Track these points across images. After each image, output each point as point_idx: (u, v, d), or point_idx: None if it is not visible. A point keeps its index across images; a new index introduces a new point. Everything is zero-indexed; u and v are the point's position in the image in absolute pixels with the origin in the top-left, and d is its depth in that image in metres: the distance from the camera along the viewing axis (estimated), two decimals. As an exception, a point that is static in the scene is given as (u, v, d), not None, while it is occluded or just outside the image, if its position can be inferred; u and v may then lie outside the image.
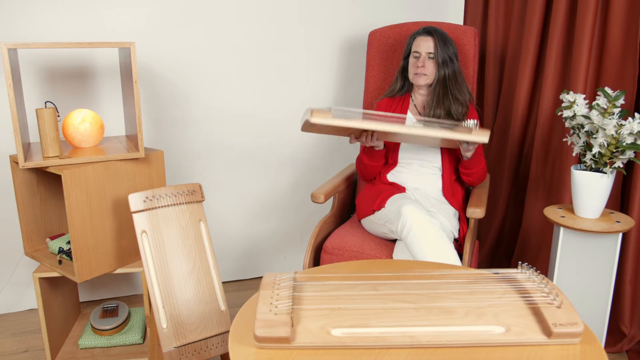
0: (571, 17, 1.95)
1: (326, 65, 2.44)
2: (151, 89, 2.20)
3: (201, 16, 2.20)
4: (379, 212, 1.79)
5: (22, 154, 1.62)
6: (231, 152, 2.39)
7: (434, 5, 2.53)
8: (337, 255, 1.81)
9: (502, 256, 2.44)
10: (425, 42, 1.84)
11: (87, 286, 2.32)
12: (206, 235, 1.64)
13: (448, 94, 1.85)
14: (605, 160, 1.64)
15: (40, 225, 1.89)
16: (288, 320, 0.96)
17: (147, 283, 1.52)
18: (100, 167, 1.69)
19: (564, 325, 0.95)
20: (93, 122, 1.81)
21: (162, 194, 1.58)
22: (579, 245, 1.70)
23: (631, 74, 1.78)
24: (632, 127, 1.55)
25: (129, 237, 1.83)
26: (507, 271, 1.18)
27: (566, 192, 1.97)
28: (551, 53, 1.99)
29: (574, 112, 1.68)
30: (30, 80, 2.05)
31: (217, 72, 2.28)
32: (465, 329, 0.97)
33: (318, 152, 2.54)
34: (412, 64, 1.88)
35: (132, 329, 1.97)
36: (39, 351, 1.95)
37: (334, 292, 1.09)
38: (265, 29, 2.30)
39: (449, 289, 1.10)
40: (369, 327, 0.97)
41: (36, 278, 1.73)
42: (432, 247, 1.58)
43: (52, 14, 2.01)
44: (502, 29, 2.32)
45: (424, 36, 1.85)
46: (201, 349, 1.57)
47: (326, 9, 2.37)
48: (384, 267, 1.29)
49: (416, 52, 1.86)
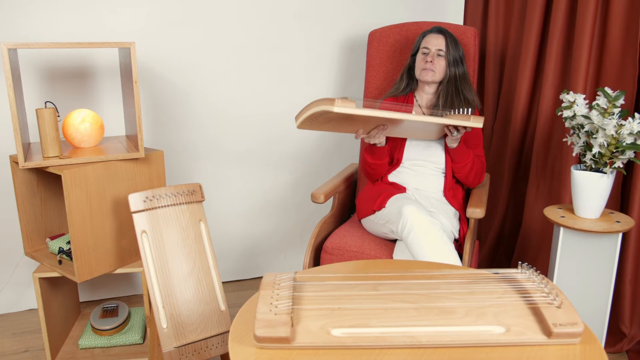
0: (571, 17, 1.95)
1: (326, 65, 2.44)
2: (151, 89, 2.20)
3: (201, 16, 2.20)
4: (380, 212, 1.79)
5: (22, 154, 1.62)
6: (231, 152, 2.39)
7: (434, 5, 2.53)
8: (337, 255, 1.81)
9: (502, 256, 2.44)
10: (435, 40, 1.84)
11: (87, 286, 2.32)
12: (206, 235, 1.64)
13: (460, 94, 1.85)
14: (605, 160, 1.64)
15: (40, 225, 1.89)
16: (288, 320, 0.96)
17: (147, 283, 1.52)
18: (100, 167, 1.69)
19: (564, 325, 0.95)
20: (93, 122, 1.81)
21: (162, 194, 1.58)
22: (579, 245, 1.70)
23: (631, 74, 1.78)
24: (632, 127, 1.55)
25: (129, 237, 1.83)
26: (507, 271, 1.18)
27: (566, 192, 1.97)
28: (551, 53, 1.99)
29: (574, 112, 1.68)
30: (30, 80, 2.05)
31: (217, 72, 2.28)
32: (465, 329, 0.97)
33: (318, 152, 2.54)
34: (420, 59, 1.87)
35: (132, 329, 1.97)
36: (39, 351, 1.95)
37: (334, 292, 1.09)
38: (265, 29, 2.30)
39: (449, 289, 1.10)
40: (369, 327, 0.97)
41: (36, 278, 1.73)
42: (432, 247, 1.58)
43: (52, 14, 2.01)
44: (502, 29, 2.32)
45: (435, 34, 1.86)
46: (201, 349, 1.57)
47: (326, 9, 2.37)
48: (384, 267, 1.29)
49: (426, 47, 1.85)
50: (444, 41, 1.84)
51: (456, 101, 1.84)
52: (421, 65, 1.86)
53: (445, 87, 1.86)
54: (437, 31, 1.86)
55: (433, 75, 1.84)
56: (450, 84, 1.85)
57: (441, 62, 1.84)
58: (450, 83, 1.85)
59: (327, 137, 2.53)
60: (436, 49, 1.83)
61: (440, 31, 1.86)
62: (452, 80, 1.85)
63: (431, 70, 1.84)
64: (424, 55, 1.86)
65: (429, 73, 1.84)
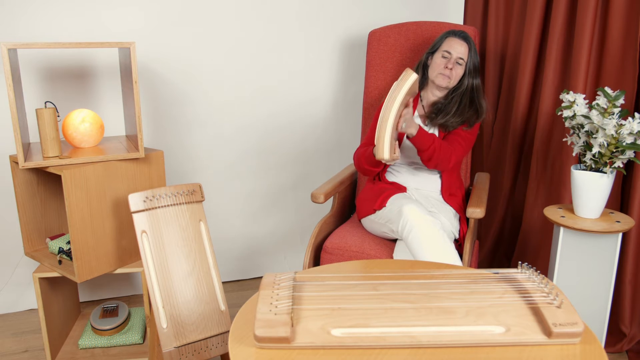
0: (571, 17, 1.95)
1: (326, 65, 2.44)
2: (151, 89, 2.20)
3: (201, 16, 2.20)
4: (380, 211, 1.78)
5: (22, 154, 1.62)
6: (231, 152, 2.39)
7: (434, 5, 2.53)
8: (337, 255, 1.81)
9: (502, 256, 2.44)
10: (460, 46, 1.79)
11: (87, 286, 2.32)
12: (206, 235, 1.64)
13: (474, 104, 1.83)
14: (605, 160, 1.64)
15: (40, 225, 1.89)
16: (288, 320, 0.96)
17: (147, 283, 1.52)
18: (100, 167, 1.69)
19: (563, 325, 0.95)
20: (93, 122, 1.81)
21: (162, 194, 1.58)
22: (579, 245, 1.70)
23: (631, 74, 1.78)
24: (632, 127, 1.55)
25: (129, 237, 1.83)
26: (507, 271, 1.18)
27: (566, 192, 1.97)
28: (551, 53, 1.99)
29: (574, 112, 1.68)
30: (30, 80, 2.05)
31: (217, 72, 2.28)
32: (465, 329, 0.97)
33: (318, 152, 2.54)
34: (439, 63, 1.82)
35: (132, 329, 1.97)
36: (39, 351, 1.95)
37: (334, 292, 1.09)
38: (265, 29, 2.30)
39: (449, 289, 1.10)
40: (369, 327, 0.97)
41: (36, 278, 1.73)
42: (432, 246, 1.58)
43: (52, 14, 2.01)
44: (502, 29, 2.32)
45: (460, 40, 1.81)
46: (201, 349, 1.57)
47: (326, 9, 2.37)
48: (384, 267, 1.29)
49: (447, 52, 1.80)
50: (467, 50, 1.80)
51: (468, 112, 1.81)
52: (439, 70, 1.81)
53: (460, 97, 1.83)
54: (463, 38, 1.81)
55: (449, 81, 1.81)
56: (465, 94, 1.83)
57: (459, 70, 1.81)
58: (465, 94, 1.83)
59: (327, 137, 2.53)
60: (458, 56, 1.79)
61: (465, 38, 1.81)
62: (469, 91, 1.83)
63: (448, 77, 1.80)
64: (444, 59, 1.81)
65: (446, 79, 1.81)
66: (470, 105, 1.83)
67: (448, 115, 1.81)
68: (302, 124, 2.47)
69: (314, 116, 2.48)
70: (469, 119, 1.82)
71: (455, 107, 1.82)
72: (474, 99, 1.83)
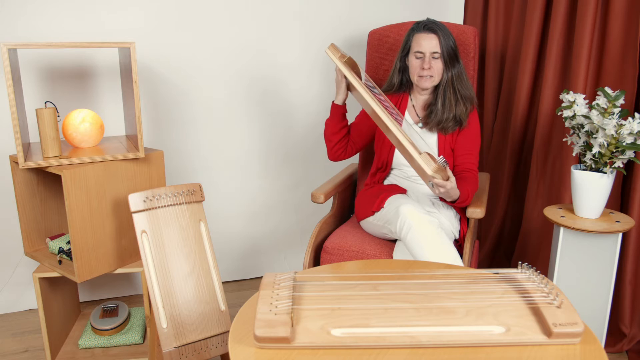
0: (571, 17, 1.96)
1: (326, 65, 2.44)
2: (151, 89, 2.20)
3: (201, 16, 2.19)
4: (378, 213, 1.78)
5: (22, 154, 1.62)
6: (231, 152, 2.39)
7: (434, 5, 2.53)
8: (337, 255, 1.81)
9: (502, 256, 2.44)
10: (428, 41, 1.70)
11: (87, 286, 2.32)
12: (206, 235, 1.64)
13: (457, 96, 1.76)
14: (605, 160, 1.64)
15: (40, 225, 1.89)
16: (288, 320, 0.96)
17: (147, 283, 1.52)
18: (100, 167, 1.69)
19: (564, 325, 0.95)
20: (93, 122, 1.81)
21: (162, 194, 1.58)
22: (579, 245, 1.70)
23: (631, 74, 1.78)
24: (632, 127, 1.55)
25: (129, 237, 1.83)
26: (507, 271, 1.18)
27: (566, 192, 1.97)
28: (551, 53, 1.99)
29: (574, 112, 1.68)
30: (30, 80, 2.05)
31: (216, 72, 2.28)
32: (465, 329, 0.97)
33: (318, 152, 2.54)
34: (415, 65, 1.75)
35: (132, 329, 1.97)
36: (39, 351, 1.95)
37: (334, 292, 1.09)
38: (264, 29, 2.30)
39: (449, 289, 1.10)
40: (369, 327, 0.97)
41: (36, 278, 1.73)
42: (431, 246, 1.57)
43: (52, 14, 2.01)
44: (502, 29, 2.32)
45: (426, 33, 1.71)
46: (201, 349, 1.57)
47: (326, 9, 2.37)
48: (384, 267, 1.29)
49: (419, 52, 1.72)
50: (437, 41, 1.70)
51: (456, 105, 1.76)
52: (417, 72, 1.75)
53: (443, 91, 1.77)
54: (429, 30, 1.71)
55: (432, 80, 1.75)
56: (448, 87, 1.76)
57: (438, 64, 1.73)
58: (448, 87, 1.76)
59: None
60: (431, 52, 1.71)
61: (430, 29, 1.71)
62: (450, 83, 1.76)
63: (430, 76, 1.74)
64: (419, 60, 1.74)
65: (428, 80, 1.75)
66: (455, 95, 1.76)
67: (438, 115, 1.77)
68: (302, 124, 2.47)
69: (314, 116, 2.48)
70: (461, 113, 1.77)
71: (441, 103, 1.77)
72: (457, 89, 1.76)
